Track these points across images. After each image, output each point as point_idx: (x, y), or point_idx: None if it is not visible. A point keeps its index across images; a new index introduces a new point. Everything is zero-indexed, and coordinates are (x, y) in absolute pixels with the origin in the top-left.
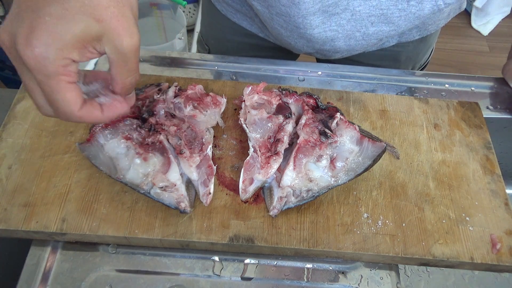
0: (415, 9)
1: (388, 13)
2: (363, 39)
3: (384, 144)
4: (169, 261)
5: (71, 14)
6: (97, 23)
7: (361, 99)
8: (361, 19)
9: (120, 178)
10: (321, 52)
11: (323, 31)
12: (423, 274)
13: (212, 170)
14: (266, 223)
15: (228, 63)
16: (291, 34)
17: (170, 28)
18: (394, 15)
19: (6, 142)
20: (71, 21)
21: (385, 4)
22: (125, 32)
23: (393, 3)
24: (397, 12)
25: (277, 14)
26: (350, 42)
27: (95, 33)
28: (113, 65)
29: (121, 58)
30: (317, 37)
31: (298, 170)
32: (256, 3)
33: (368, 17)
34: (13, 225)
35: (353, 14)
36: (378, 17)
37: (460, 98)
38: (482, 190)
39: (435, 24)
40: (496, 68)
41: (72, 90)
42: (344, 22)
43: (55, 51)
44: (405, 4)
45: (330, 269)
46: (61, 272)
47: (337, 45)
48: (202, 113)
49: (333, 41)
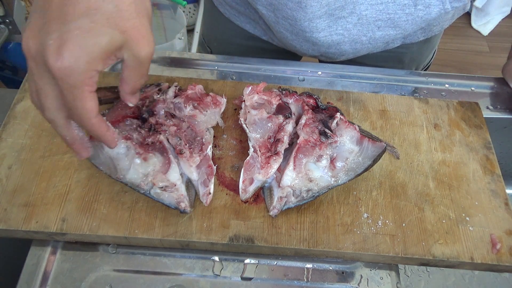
0: (422, 13)
1: (395, 17)
2: (369, 43)
3: (384, 144)
4: (169, 261)
5: (98, 26)
6: (120, 34)
7: (361, 99)
8: (367, 23)
9: (120, 178)
10: (326, 55)
11: (329, 35)
12: (423, 274)
13: (212, 170)
14: (266, 223)
15: (228, 63)
16: (296, 37)
17: (170, 28)
18: (401, 19)
19: (6, 142)
20: (98, 34)
21: (392, 9)
22: (144, 41)
23: (400, 8)
24: (404, 16)
25: (283, 18)
26: (356, 46)
27: (119, 44)
28: (127, 69)
29: (137, 64)
30: (323, 40)
31: (298, 170)
32: (262, 7)
33: (374, 22)
34: (13, 225)
35: (360, 18)
36: (385, 22)
37: (460, 98)
38: (482, 190)
39: (440, 25)
40: (496, 68)
41: (92, 99)
42: (350, 26)
43: (84, 64)
44: (412, 9)
45: (330, 269)
46: (61, 272)
47: (343, 48)
48: (202, 113)
49: (339, 45)
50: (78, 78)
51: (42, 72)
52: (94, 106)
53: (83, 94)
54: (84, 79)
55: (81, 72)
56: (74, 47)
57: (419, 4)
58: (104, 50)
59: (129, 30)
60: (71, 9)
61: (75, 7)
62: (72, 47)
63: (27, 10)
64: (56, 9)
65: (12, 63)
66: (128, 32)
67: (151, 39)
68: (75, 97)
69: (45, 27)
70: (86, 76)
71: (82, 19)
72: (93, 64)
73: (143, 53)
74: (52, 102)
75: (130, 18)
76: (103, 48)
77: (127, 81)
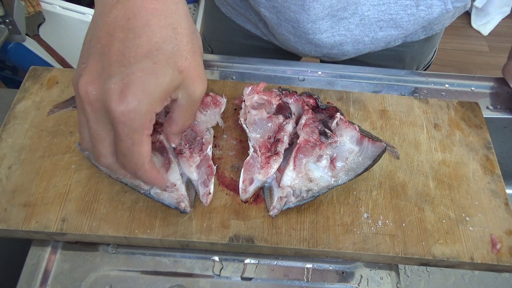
0: (424, 13)
1: (397, 18)
2: (371, 43)
3: (384, 144)
4: (169, 261)
5: (159, 67)
6: (179, 74)
7: (361, 99)
8: (369, 24)
9: (120, 178)
10: (328, 55)
11: (331, 36)
12: (423, 274)
13: (212, 170)
14: (266, 223)
15: (228, 63)
16: (299, 39)
17: None
18: (403, 19)
19: (6, 142)
20: (160, 76)
21: (394, 9)
22: (199, 80)
23: (402, 8)
24: (406, 16)
25: (286, 20)
26: (359, 46)
27: (177, 83)
28: (179, 109)
29: (190, 103)
30: (326, 41)
31: (298, 170)
32: (264, 10)
33: (376, 22)
34: (13, 225)
35: (362, 19)
36: (387, 22)
37: (460, 98)
38: (482, 190)
39: (441, 24)
40: (496, 68)
41: (148, 143)
42: (352, 26)
43: (146, 106)
44: (414, 9)
45: (330, 269)
46: (61, 272)
47: (345, 49)
48: (202, 113)
49: (341, 46)
50: (140, 122)
51: (99, 117)
52: (149, 151)
53: (142, 138)
54: (145, 122)
55: (143, 115)
56: (137, 90)
57: (421, 5)
58: (164, 91)
59: (186, 70)
60: (133, 52)
61: (137, 49)
62: (135, 90)
63: (27, 10)
64: (117, 53)
65: (12, 63)
66: (185, 71)
67: (205, 78)
68: (134, 141)
69: (105, 71)
70: (147, 119)
71: (144, 61)
72: (154, 106)
73: (198, 92)
74: (108, 147)
75: (187, 57)
76: (164, 89)
77: (177, 122)
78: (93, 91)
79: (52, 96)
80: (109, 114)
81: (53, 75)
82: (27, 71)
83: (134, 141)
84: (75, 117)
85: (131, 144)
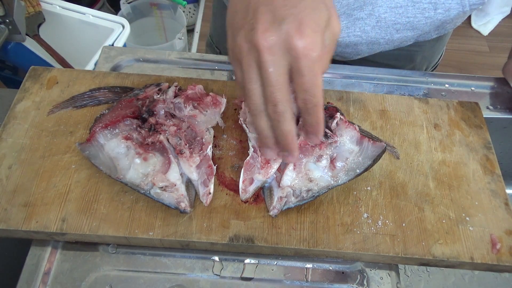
0: (441, 16)
1: (415, 21)
2: (386, 43)
3: (384, 144)
4: (169, 261)
5: (316, 4)
6: (327, 10)
7: (361, 99)
8: (386, 26)
9: (120, 178)
10: (342, 54)
11: (346, 36)
12: (423, 274)
13: (212, 170)
14: (266, 223)
15: (228, 63)
16: None
17: (170, 28)
18: (421, 22)
19: (6, 142)
20: (321, 10)
21: (411, 12)
22: (337, 16)
23: (420, 11)
24: (424, 19)
25: None
26: (373, 46)
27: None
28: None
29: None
30: (340, 41)
31: (298, 170)
32: None
33: (393, 25)
34: (13, 225)
35: (378, 21)
36: (404, 25)
37: (460, 98)
38: (482, 190)
39: (453, 23)
40: (496, 68)
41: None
42: (368, 28)
43: (319, 36)
44: (432, 12)
45: (330, 269)
46: (61, 272)
47: (360, 48)
48: (202, 113)
49: (356, 46)
50: (319, 52)
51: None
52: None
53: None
54: (321, 52)
55: (321, 44)
56: (311, 23)
57: (439, 8)
58: (326, 24)
59: (331, 8)
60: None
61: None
62: (309, 23)
63: (27, 10)
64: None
65: (12, 63)
66: (330, 9)
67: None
68: (315, 73)
69: (277, 17)
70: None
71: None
72: (323, 36)
73: (337, 29)
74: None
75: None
76: (325, 21)
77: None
78: (271, 36)
79: (52, 96)
80: (291, 51)
81: (53, 75)
82: (27, 71)
83: (314, 73)
84: (75, 117)
85: (313, 76)
